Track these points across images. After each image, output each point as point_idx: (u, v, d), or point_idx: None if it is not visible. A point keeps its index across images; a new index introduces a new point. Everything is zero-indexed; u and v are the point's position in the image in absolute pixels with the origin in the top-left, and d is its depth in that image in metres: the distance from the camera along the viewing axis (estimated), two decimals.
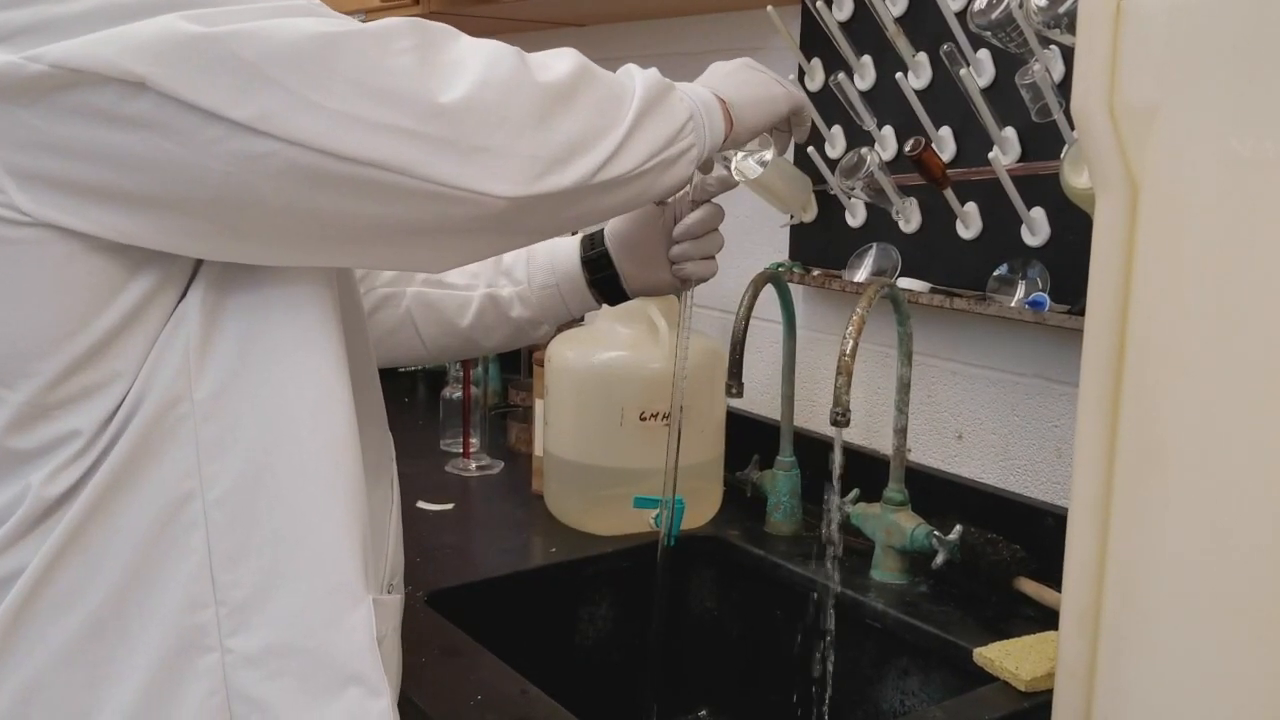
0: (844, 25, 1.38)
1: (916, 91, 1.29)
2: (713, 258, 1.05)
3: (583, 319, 1.73)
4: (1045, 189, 1.20)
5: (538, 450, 1.50)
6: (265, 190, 0.64)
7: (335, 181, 0.64)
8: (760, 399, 1.58)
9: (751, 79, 0.92)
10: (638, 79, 0.79)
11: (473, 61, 0.69)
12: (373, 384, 0.85)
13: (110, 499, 0.69)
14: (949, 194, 1.27)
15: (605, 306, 1.10)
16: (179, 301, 0.70)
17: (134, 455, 0.69)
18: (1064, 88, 1.15)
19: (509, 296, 1.07)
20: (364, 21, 1.92)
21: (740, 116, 0.88)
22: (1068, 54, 1.15)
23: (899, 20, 1.31)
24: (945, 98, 1.29)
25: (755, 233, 1.59)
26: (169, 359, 0.69)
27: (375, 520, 0.81)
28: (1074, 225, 1.17)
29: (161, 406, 0.69)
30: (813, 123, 1.43)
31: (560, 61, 0.74)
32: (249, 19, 0.61)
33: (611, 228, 1.06)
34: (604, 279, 1.06)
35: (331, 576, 0.73)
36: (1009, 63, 1.20)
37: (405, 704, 0.89)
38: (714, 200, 1.02)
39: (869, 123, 1.37)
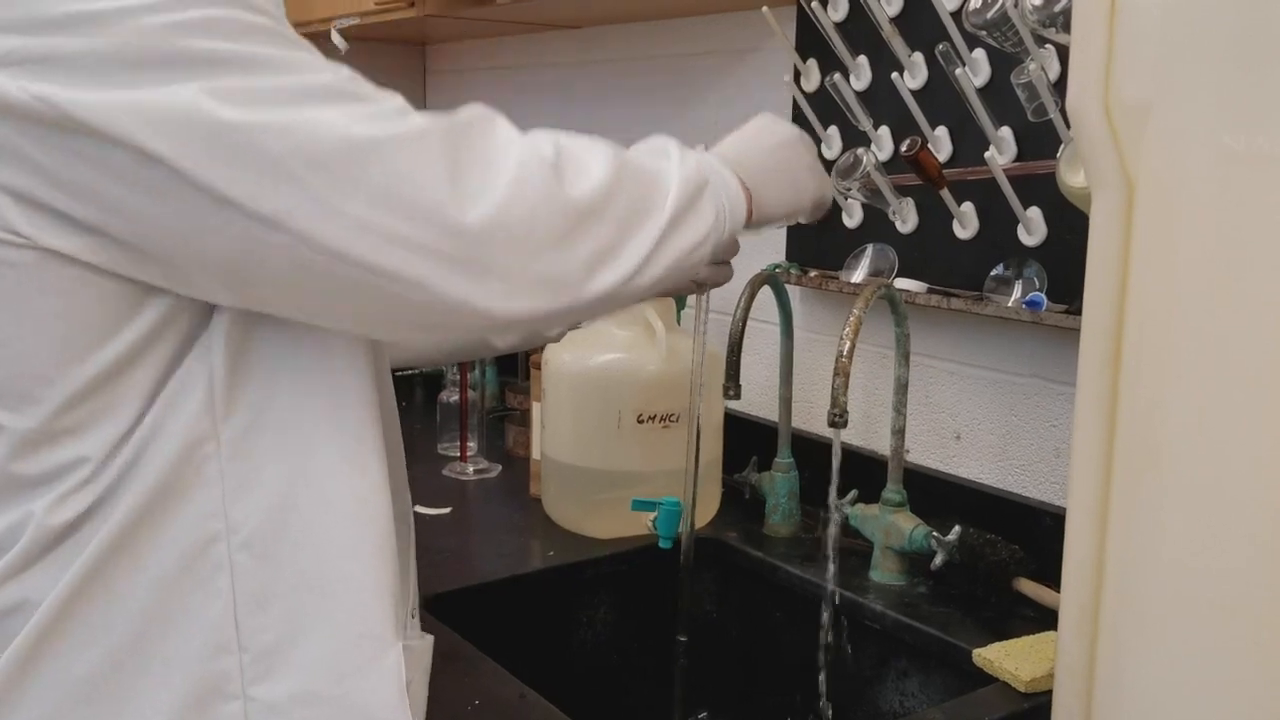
0: (839, 25, 1.38)
1: (912, 91, 1.29)
2: (728, 263, 1.03)
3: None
4: (1042, 188, 1.19)
5: (535, 453, 1.49)
6: (273, 265, 0.63)
7: (343, 280, 0.63)
8: (758, 401, 1.58)
9: (787, 168, 0.88)
10: (674, 180, 0.76)
11: (504, 173, 0.66)
12: (393, 419, 0.83)
13: (133, 537, 0.67)
14: (945, 194, 1.26)
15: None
16: (199, 330, 0.67)
17: (159, 492, 0.67)
18: (1060, 87, 1.14)
19: None
20: (361, 20, 1.87)
21: (760, 210, 0.86)
22: (1063, 53, 1.14)
23: (894, 20, 1.31)
24: (941, 97, 1.28)
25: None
26: (192, 393, 0.67)
27: (401, 561, 0.79)
28: (1071, 224, 1.17)
29: (186, 444, 0.67)
30: (809, 124, 1.43)
31: (596, 163, 0.72)
32: (279, 104, 0.60)
33: None
34: None
35: (360, 622, 0.71)
36: (1005, 62, 1.20)
37: None
38: None
39: (865, 123, 1.37)
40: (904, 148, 1.23)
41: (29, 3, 0.58)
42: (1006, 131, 1.23)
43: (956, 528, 1.19)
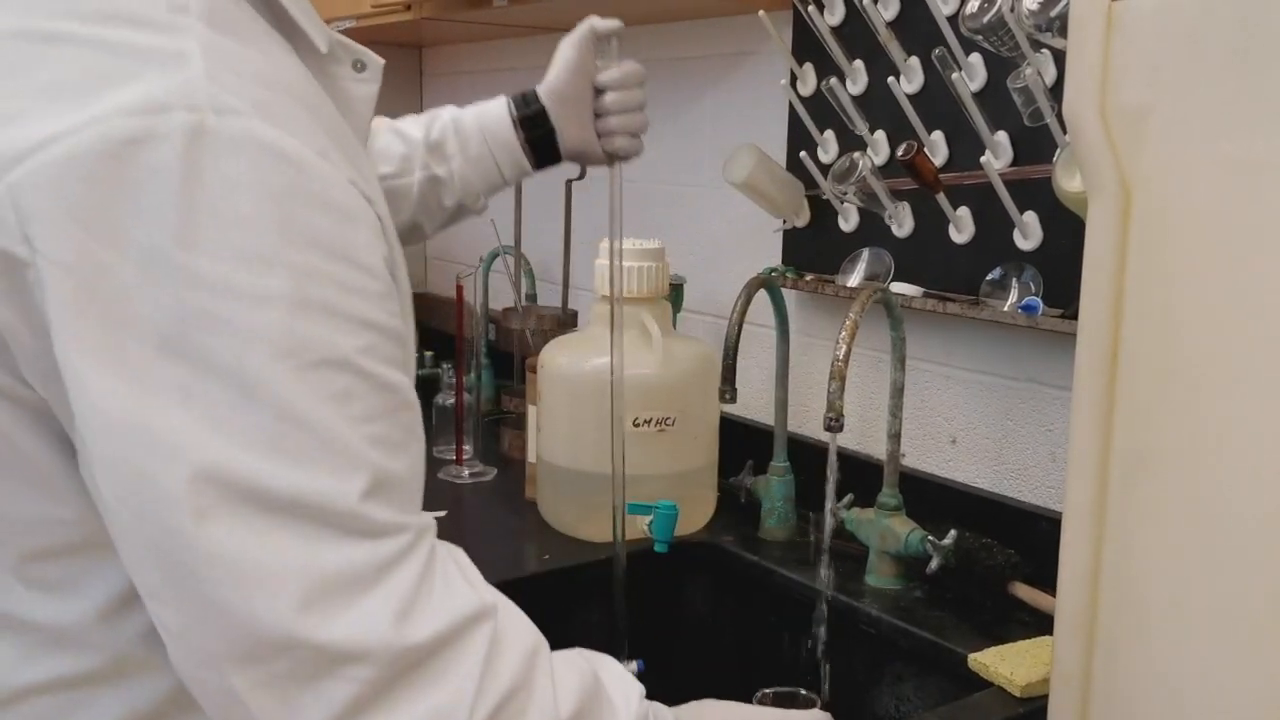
0: (836, 30, 1.38)
1: (908, 96, 1.29)
2: (639, 136, 1.05)
3: (575, 324, 1.73)
4: (1038, 193, 1.20)
5: (531, 457, 1.49)
6: None
7: None
8: (754, 404, 1.58)
9: None
10: None
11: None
12: None
13: None
14: (941, 198, 1.27)
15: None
16: None
17: (172, 703, 0.64)
18: (1056, 91, 1.15)
19: (445, 177, 1.05)
20: (358, 23, 1.86)
21: None
22: (1059, 57, 1.15)
23: (891, 24, 1.31)
24: (937, 102, 1.29)
25: (748, 237, 1.58)
26: None
27: None
28: (1066, 229, 1.17)
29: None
30: (805, 128, 1.43)
31: None
32: (249, 518, 0.54)
33: (548, 84, 1.05)
34: (539, 138, 1.05)
35: None
36: (1001, 66, 1.20)
37: None
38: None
39: (861, 127, 1.37)
40: (900, 152, 1.23)
41: (115, 203, 0.51)
42: (1003, 136, 1.23)
43: (952, 532, 1.19)
